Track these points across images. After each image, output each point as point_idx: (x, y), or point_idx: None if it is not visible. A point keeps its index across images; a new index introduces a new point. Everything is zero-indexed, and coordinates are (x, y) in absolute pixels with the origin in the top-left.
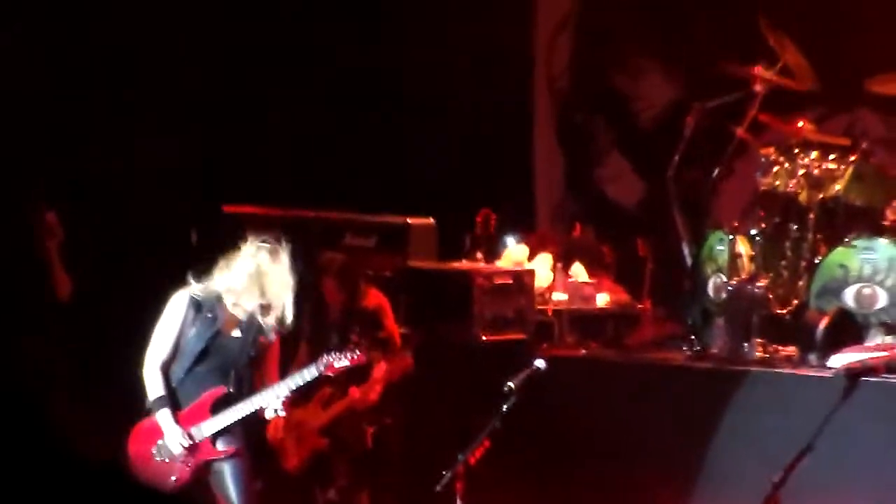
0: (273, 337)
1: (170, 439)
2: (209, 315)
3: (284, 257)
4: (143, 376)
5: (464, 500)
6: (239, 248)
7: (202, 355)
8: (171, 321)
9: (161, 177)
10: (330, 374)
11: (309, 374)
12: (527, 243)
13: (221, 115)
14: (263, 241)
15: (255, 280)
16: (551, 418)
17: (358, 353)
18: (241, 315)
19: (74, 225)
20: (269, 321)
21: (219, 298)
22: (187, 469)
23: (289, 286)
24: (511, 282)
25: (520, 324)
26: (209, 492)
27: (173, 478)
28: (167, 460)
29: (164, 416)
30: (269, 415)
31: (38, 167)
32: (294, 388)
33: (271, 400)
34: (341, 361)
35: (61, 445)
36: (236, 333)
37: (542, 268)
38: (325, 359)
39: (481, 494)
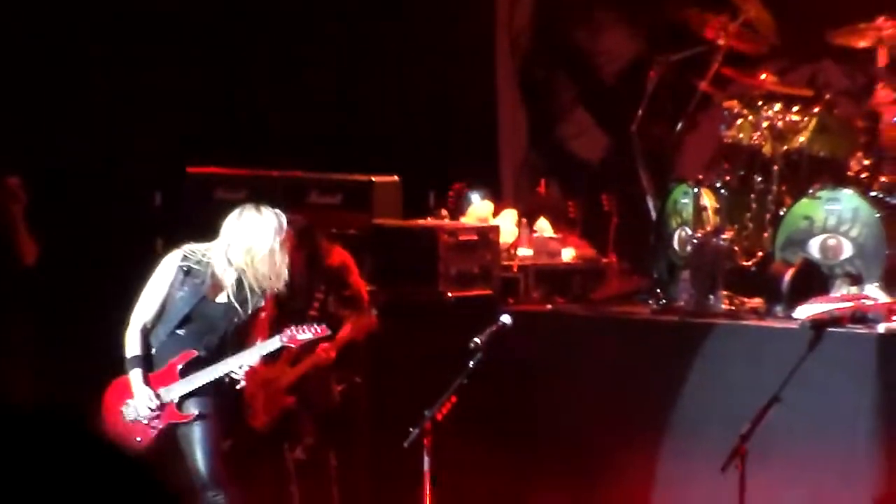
0: (262, 302)
1: (138, 400)
2: (197, 280)
3: (270, 219)
4: (126, 335)
5: (431, 456)
6: (226, 211)
7: (186, 319)
8: (160, 282)
9: (124, 139)
10: (292, 345)
11: (272, 344)
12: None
13: (185, 75)
14: (250, 204)
15: (244, 243)
16: (518, 373)
17: (322, 326)
18: (228, 281)
19: (38, 189)
20: (261, 284)
21: (208, 263)
22: (152, 431)
23: (276, 248)
24: (476, 238)
25: (485, 280)
26: (176, 456)
27: (138, 438)
28: (134, 420)
29: (135, 376)
30: (238, 376)
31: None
32: (257, 358)
33: (235, 368)
34: (304, 334)
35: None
36: (222, 299)
37: (507, 223)
38: (288, 331)
39: (448, 450)
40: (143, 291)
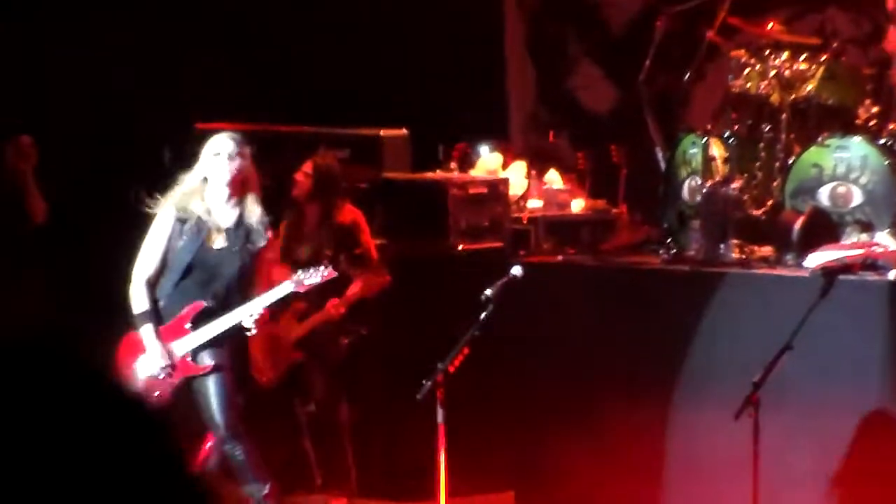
0: (262, 243)
1: (151, 355)
2: (194, 227)
3: (234, 150)
4: (130, 291)
5: (444, 409)
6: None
7: (189, 268)
8: (157, 235)
9: (134, 95)
10: (301, 291)
11: (282, 290)
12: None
13: (193, 31)
14: (220, 142)
15: (218, 179)
16: (529, 325)
17: (329, 269)
18: (222, 223)
19: (48, 147)
20: (251, 221)
21: (199, 207)
22: (169, 385)
23: (249, 180)
24: (486, 191)
25: (496, 232)
26: (191, 409)
27: (156, 393)
28: (149, 376)
29: (146, 332)
30: (247, 325)
31: (8, 91)
32: (267, 305)
33: (245, 316)
34: (312, 278)
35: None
36: (220, 244)
37: (517, 176)
38: (297, 276)
39: (461, 402)
40: (143, 246)
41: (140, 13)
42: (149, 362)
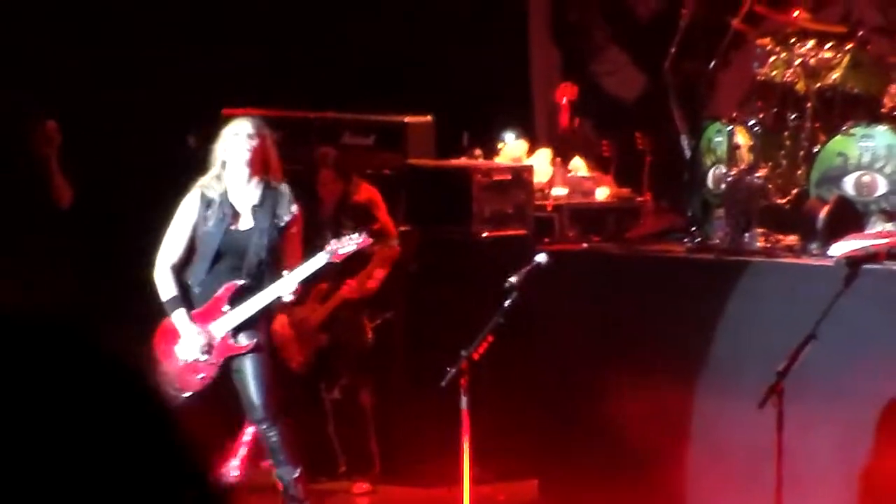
0: (287, 217)
1: (187, 338)
2: (218, 212)
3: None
4: (155, 279)
5: (468, 396)
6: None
7: (219, 253)
8: (181, 222)
9: (159, 81)
10: (337, 260)
11: (317, 262)
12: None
13: (221, 17)
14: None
15: (237, 161)
16: (553, 313)
17: (364, 235)
18: (246, 203)
19: (74, 132)
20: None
21: (223, 192)
22: (212, 366)
23: (269, 159)
24: (510, 178)
25: (519, 219)
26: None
27: (200, 376)
28: (190, 360)
29: (178, 317)
30: (286, 298)
31: (35, 74)
32: (303, 277)
33: (282, 291)
34: (348, 246)
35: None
36: (246, 225)
37: (542, 163)
38: (330, 245)
39: (485, 389)
40: (167, 233)
41: None
42: (187, 345)
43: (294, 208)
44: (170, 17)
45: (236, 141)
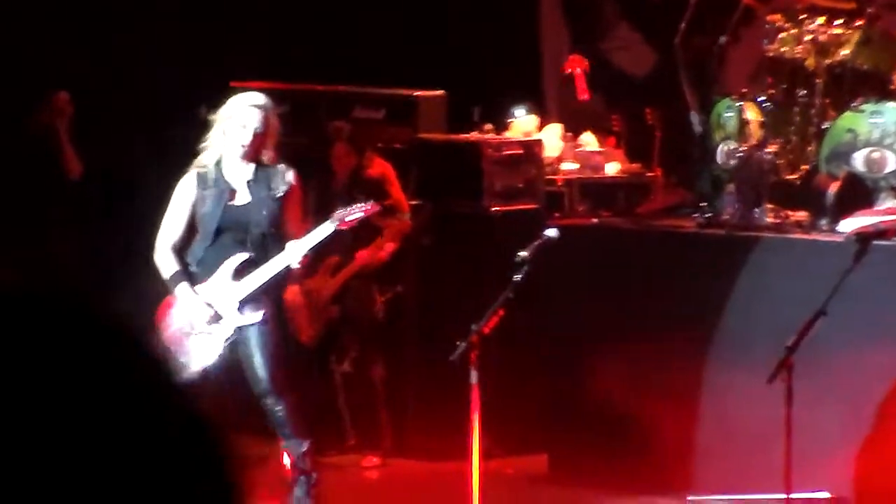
0: (283, 188)
1: (193, 311)
2: (215, 191)
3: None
4: (156, 260)
5: (478, 370)
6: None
7: (219, 230)
8: (178, 202)
9: (170, 53)
10: (344, 228)
11: (324, 230)
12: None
13: None
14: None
15: (233, 135)
16: (564, 287)
17: (371, 203)
18: (242, 178)
19: (85, 104)
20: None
21: (217, 168)
22: (218, 341)
23: (266, 134)
24: (521, 152)
25: (530, 194)
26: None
27: (205, 351)
28: (196, 334)
29: (182, 290)
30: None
31: (46, 47)
32: (311, 245)
33: (289, 261)
34: (354, 214)
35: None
36: (243, 199)
37: (552, 138)
38: (338, 213)
39: (495, 364)
40: (165, 216)
41: None
42: (193, 319)
43: (291, 178)
44: None
45: (248, 111)
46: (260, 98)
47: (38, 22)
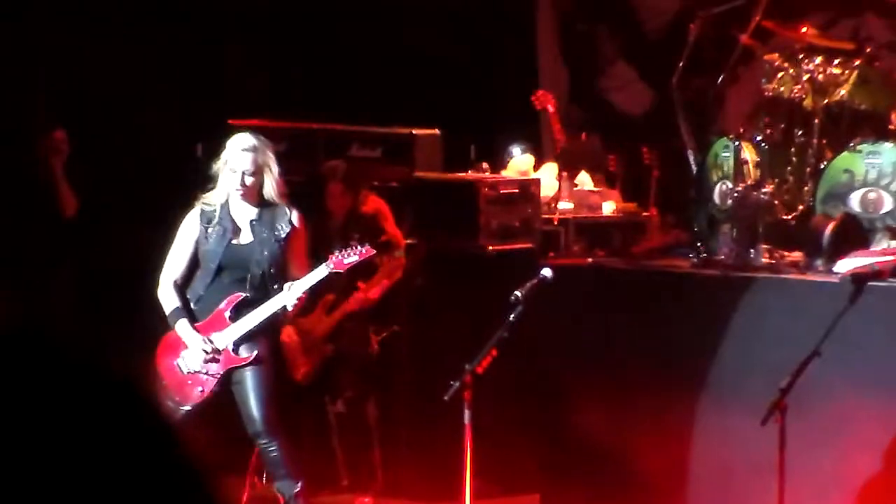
0: (287, 229)
1: (191, 347)
2: (218, 226)
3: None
4: (159, 296)
5: (471, 410)
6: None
7: (220, 268)
8: (182, 239)
9: (167, 91)
10: (340, 270)
11: (319, 273)
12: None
13: (227, 28)
14: (235, 139)
15: (235, 175)
16: (558, 327)
17: (366, 246)
18: (246, 218)
19: (80, 142)
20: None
21: (224, 207)
22: (213, 380)
23: (267, 173)
24: (517, 191)
25: (526, 233)
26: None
27: (199, 389)
28: (192, 372)
29: (182, 326)
30: (289, 306)
31: (42, 84)
32: (305, 288)
33: (284, 302)
34: (350, 257)
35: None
36: (246, 239)
37: (548, 177)
38: (334, 256)
39: (488, 404)
40: (170, 251)
41: (174, 9)
42: (190, 356)
43: (295, 220)
44: (177, 28)
45: (233, 157)
46: (249, 140)
47: (34, 56)
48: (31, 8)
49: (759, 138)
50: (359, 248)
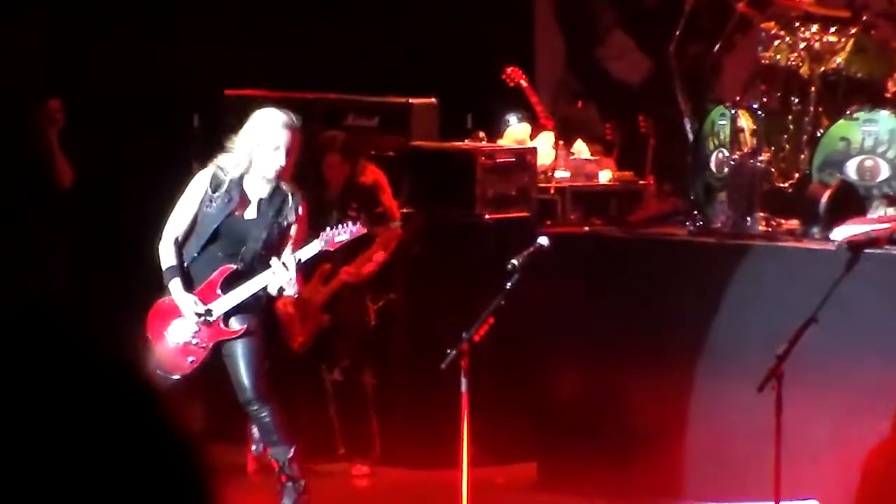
0: (292, 218)
1: (182, 309)
2: (225, 195)
3: (276, 113)
4: (159, 249)
5: (468, 378)
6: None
7: (215, 235)
8: (189, 197)
9: (163, 61)
10: (331, 248)
11: (311, 249)
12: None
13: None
14: (276, 115)
15: (268, 152)
16: (555, 295)
17: (358, 225)
18: (256, 195)
19: (77, 112)
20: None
21: (240, 177)
22: (202, 350)
23: (283, 140)
24: (513, 160)
25: (523, 202)
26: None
27: (190, 359)
28: (182, 342)
29: (174, 286)
30: (289, 291)
31: (39, 54)
32: (296, 263)
33: (278, 276)
34: (342, 235)
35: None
36: (250, 215)
37: (544, 145)
38: (326, 233)
39: (485, 372)
40: (176, 206)
41: None
42: (180, 326)
43: (300, 209)
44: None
45: (279, 132)
46: (290, 117)
47: (30, 27)
48: None
49: (755, 106)
50: (350, 225)
